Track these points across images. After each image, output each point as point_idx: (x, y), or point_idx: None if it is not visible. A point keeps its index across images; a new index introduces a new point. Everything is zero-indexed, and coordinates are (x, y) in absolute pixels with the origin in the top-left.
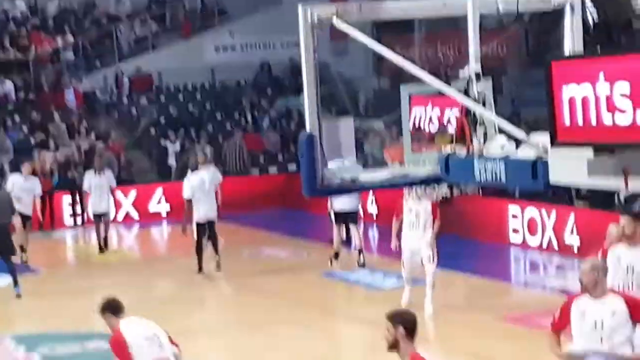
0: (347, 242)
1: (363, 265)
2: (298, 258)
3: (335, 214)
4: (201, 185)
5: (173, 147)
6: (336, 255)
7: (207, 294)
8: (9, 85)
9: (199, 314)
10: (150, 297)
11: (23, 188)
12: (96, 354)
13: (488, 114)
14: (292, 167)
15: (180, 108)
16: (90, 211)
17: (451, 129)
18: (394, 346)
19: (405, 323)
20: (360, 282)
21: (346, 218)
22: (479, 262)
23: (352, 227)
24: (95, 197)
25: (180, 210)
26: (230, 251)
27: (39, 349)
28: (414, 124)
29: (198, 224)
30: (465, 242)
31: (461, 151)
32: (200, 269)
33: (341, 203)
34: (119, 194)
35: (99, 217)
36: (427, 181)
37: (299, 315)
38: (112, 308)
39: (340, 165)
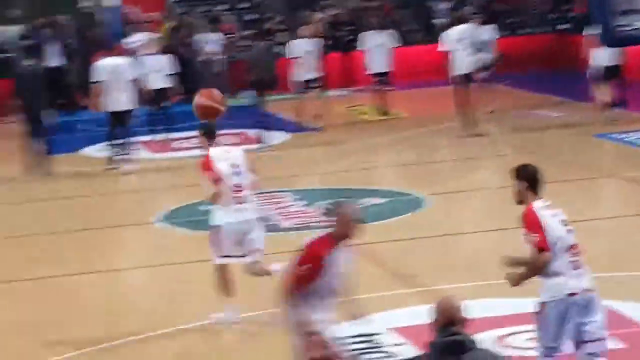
0: (620, 102)
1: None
2: (569, 119)
3: (603, 69)
4: (461, 39)
5: (441, 6)
6: (607, 112)
7: (475, 153)
8: None
9: (466, 173)
10: (420, 156)
11: (306, 50)
12: (370, 210)
13: None
14: (562, 26)
15: None
16: (370, 70)
17: None
18: (521, 201)
19: (527, 176)
20: (635, 143)
21: (609, 74)
22: None
23: (609, 83)
24: (375, 56)
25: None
26: (501, 112)
27: (318, 203)
28: None
29: (457, 79)
30: None
31: None
32: (466, 127)
33: (602, 58)
34: None
35: (379, 77)
36: None
37: (567, 174)
38: (208, 132)
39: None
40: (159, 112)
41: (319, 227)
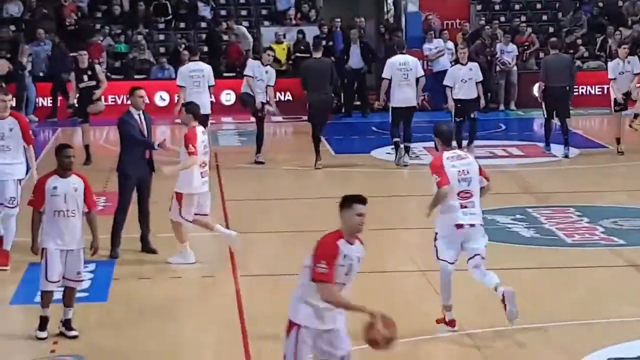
0: None
1: None
2: None
3: None
4: None
5: None
6: None
7: None
8: None
9: None
10: None
11: (620, 71)
12: None
13: None
14: None
15: None
16: None
17: None
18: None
19: (437, 134)
20: None
21: None
22: None
23: None
24: None
25: None
26: None
27: (602, 221)
28: None
29: None
30: None
31: None
32: None
33: None
34: None
35: None
36: None
37: None
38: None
39: None
40: (461, 122)
41: (601, 245)
